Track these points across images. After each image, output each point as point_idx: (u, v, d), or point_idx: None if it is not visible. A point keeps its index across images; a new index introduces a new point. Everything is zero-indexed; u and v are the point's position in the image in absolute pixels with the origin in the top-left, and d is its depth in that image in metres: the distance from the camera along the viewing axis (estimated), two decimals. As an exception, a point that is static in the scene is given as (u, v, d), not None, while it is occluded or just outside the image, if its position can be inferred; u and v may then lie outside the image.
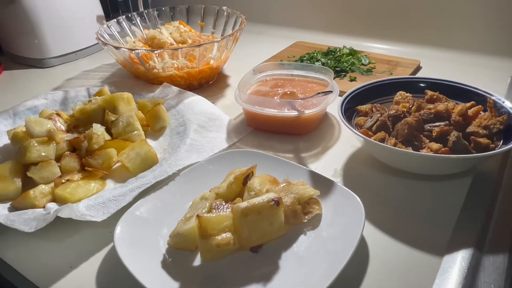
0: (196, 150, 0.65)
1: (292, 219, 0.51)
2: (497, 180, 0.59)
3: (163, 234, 0.50)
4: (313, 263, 0.46)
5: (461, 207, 0.54)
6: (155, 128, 0.74)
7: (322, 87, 0.76)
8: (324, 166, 0.63)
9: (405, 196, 0.57)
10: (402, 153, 0.55)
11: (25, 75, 1.05)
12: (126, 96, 0.72)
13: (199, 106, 0.77)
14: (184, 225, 0.49)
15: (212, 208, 0.50)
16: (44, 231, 0.51)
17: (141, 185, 0.56)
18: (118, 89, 0.86)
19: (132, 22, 1.03)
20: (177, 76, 0.86)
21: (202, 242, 0.46)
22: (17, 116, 0.77)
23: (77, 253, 0.51)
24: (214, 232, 0.46)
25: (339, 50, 0.99)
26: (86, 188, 0.58)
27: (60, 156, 0.63)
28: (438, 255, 0.47)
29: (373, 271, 0.46)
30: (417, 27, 1.03)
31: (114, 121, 0.69)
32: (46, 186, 0.58)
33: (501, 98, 0.62)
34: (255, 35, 1.19)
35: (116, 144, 0.65)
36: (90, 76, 1.01)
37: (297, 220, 0.51)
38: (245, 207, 0.47)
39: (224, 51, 0.87)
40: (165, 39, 0.93)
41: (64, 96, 0.83)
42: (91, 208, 0.53)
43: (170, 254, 0.48)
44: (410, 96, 0.67)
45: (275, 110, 0.69)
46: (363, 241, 0.49)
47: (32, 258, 0.51)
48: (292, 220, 0.51)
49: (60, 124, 0.70)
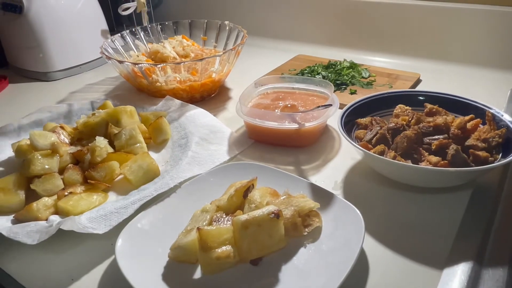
0: (198, 163, 0.66)
1: (292, 231, 0.51)
2: (497, 193, 0.59)
3: (164, 246, 0.50)
4: (313, 276, 0.46)
5: (460, 220, 0.54)
6: (157, 140, 0.75)
7: (323, 100, 0.77)
8: (324, 179, 0.64)
9: (405, 208, 0.57)
10: (401, 166, 0.55)
11: (30, 88, 1.06)
12: (129, 109, 0.73)
13: (201, 119, 0.78)
14: (184, 238, 0.49)
15: (212, 220, 0.51)
16: (47, 244, 0.51)
17: (142, 197, 0.57)
18: (122, 102, 0.87)
19: (136, 36, 1.05)
20: (180, 89, 0.87)
21: (202, 255, 0.46)
22: (21, 129, 0.78)
23: (78, 265, 0.51)
24: (215, 245, 0.47)
25: (340, 64, 1.00)
26: (89, 200, 0.59)
27: (63, 169, 0.64)
28: (437, 268, 0.47)
29: (373, 284, 0.46)
30: (417, 40, 1.04)
31: (117, 134, 0.70)
32: (49, 199, 0.59)
33: (500, 111, 0.63)
34: (257, 48, 1.20)
35: (119, 156, 0.66)
36: (94, 89, 1.02)
37: (297, 232, 0.51)
38: (245, 220, 0.47)
39: (226, 64, 0.89)
40: (168, 53, 0.94)
41: (68, 109, 0.84)
42: (93, 221, 0.53)
43: (171, 266, 0.48)
44: (409, 109, 0.67)
45: (275, 123, 0.70)
46: (363, 254, 0.50)
47: (34, 270, 0.51)
48: (292, 233, 0.51)
49: (63, 137, 0.71)
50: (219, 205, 0.53)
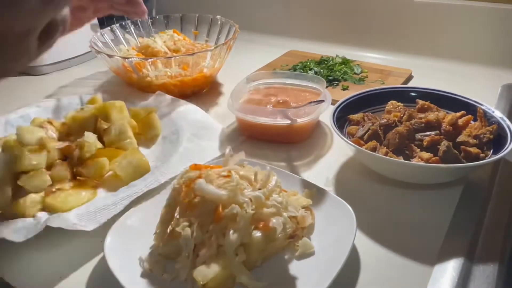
0: (189, 159, 0.65)
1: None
2: (488, 189, 0.60)
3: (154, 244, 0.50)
4: (304, 272, 0.46)
5: (451, 216, 0.54)
6: (147, 136, 0.74)
7: (315, 96, 0.76)
8: (316, 175, 0.63)
9: (396, 205, 0.57)
10: (393, 162, 0.55)
11: (18, 82, 1.04)
12: (119, 105, 0.72)
13: (192, 115, 0.77)
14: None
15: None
16: (34, 241, 0.50)
17: (132, 194, 0.56)
18: (111, 97, 0.86)
19: (126, 30, 1.03)
20: (171, 84, 0.86)
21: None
22: (8, 123, 0.76)
23: (67, 263, 0.51)
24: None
25: (332, 59, 0.99)
26: (77, 197, 0.58)
27: (51, 165, 0.63)
28: (429, 264, 0.47)
29: (364, 280, 0.46)
30: (409, 37, 1.04)
31: (107, 129, 0.69)
32: (37, 195, 0.58)
33: (491, 108, 0.63)
34: (249, 43, 1.19)
35: (108, 152, 0.65)
36: (83, 83, 1.01)
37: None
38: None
39: (217, 59, 0.88)
40: (159, 48, 0.93)
41: (57, 104, 0.82)
42: (82, 218, 0.52)
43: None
44: (401, 105, 0.67)
45: (267, 119, 0.69)
46: (355, 250, 0.49)
47: (21, 268, 0.51)
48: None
49: (51, 132, 0.69)
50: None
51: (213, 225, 0.45)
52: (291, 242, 0.49)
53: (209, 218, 0.46)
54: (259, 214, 0.46)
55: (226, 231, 0.44)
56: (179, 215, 0.49)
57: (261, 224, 0.46)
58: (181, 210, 0.49)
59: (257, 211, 0.46)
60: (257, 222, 0.46)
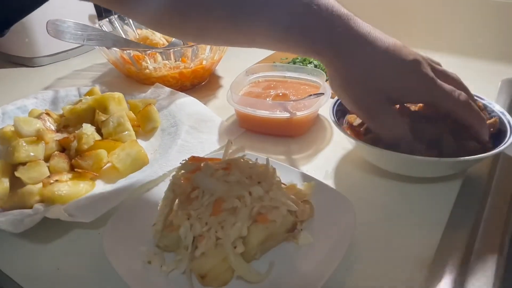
0: (187, 151, 0.65)
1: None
2: (487, 183, 0.60)
3: (152, 236, 0.50)
4: (303, 265, 0.46)
5: (451, 210, 0.54)
6: (146, 128, 0.73)
7: (315, 89, 0.76)
8: (315, 168, 0.63)
9: (395, 198, 0.57)
10: (393, 155, 0.55)
11: (15, 74, 1.04)
12: (117, 96, 0.72)
13: (191, 107, 0.77)
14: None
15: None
16: (31, 232, 0.50)
17: (130, 186, 0.56)
18: (110, 89, 0.86)
19: (125, 22, 1.02)
20: (169, 77, 0.86)
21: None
22: (6, 115, 0.75)
23: (64, 254, 0.50)
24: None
25: (332, 53, 0.99)
26: (75, 188, 0.57)
27: (49, 156, 0.63)
28: (427, 257, 0.47)
29: (362, 273, 0.46)
30: (408, 31, 1.03)
31: (105, 121, 0.68)
32: (34, 187, 0.57)
33: (492, 102, 0.63)
34: (248, 36, 1.18)
35: (106, 144, 0.65)
36: (81, 75, 1.00)
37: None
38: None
39: (217, 51, 0.87)
40: (158, 40, 0.92)
41: (55, 95, 0.82)
42: (80, 209, 0.52)
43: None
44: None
45: (267, 112, 0.69)
46: (354, 243, 0.49)
47: (19, 259, 0.50)
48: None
49: (49, 124, 0.69)
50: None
51: (212, 217, 0.45)
52: (290, 235, 0.49)
53: (208, 210, 0.46)
54: (258, 207, 0.46)
55: (225, 224, 0.44)
56: (178, 207, 0.49)
57: (260, 217, 0.46)
58: (180, 203, 0.49)
59: (256, 204, 0.46)
60: (256, 215, 0.46)
